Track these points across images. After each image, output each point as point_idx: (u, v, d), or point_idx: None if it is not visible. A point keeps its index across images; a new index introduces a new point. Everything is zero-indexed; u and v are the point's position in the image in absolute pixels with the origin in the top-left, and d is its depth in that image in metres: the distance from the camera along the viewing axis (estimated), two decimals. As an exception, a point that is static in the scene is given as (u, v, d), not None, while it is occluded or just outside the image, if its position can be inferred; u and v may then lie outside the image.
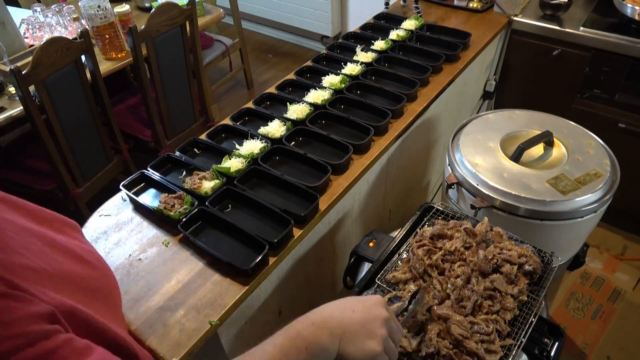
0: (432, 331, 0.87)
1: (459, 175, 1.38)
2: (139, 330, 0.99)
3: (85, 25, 2.30)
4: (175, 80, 2.42)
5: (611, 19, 2.06)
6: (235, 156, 1.33)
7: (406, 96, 1.57)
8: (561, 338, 0.93)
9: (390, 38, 1.89)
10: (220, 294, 1.05)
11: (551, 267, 1.00)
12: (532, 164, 1.38)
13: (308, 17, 3.92)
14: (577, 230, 1.34)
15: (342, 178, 1.33)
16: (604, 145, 1.43)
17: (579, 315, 2.07)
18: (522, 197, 1.26)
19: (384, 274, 1.00)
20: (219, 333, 1.07)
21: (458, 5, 2.26)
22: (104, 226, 1.23)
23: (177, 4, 2.24)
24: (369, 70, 1.71)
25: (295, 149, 1.37)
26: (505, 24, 2.14)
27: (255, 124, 1.52)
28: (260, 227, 1.19)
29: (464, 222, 1.07)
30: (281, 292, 1.28)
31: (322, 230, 1.37)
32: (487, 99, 2.49)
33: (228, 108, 3.50)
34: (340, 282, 1.25)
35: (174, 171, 1.37)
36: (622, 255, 2.32)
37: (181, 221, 1.16)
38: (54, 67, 1.90)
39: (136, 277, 1.09)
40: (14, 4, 2.91)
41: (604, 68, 2.03)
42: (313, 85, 1.64)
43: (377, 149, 1.43)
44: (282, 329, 0.69)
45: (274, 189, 1.30)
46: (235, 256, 1.11)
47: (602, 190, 1.29)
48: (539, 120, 1.52)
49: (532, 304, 0.94)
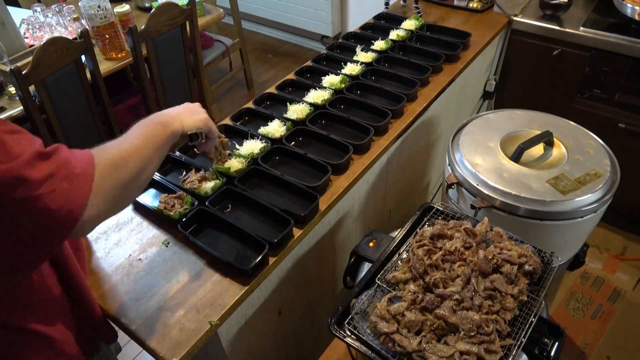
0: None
1: (459, 175, 1.38)
2: (139, 330, 0.99)
3: (85, 25, 2.30)
4: (175, 80, 2.42)
5: (611, 19, 2.06)
6: (236, 156, 1.33)
7: (406, 96, 1.57)
8: (561, 338, 0.93)
9: (390, 38, 1.89)
10: (220, 294, 1.05)
11: (551, 267, 1.00)
12: (532, 164, 1.38)
13: (308, 17, 3.92)
14: (577, 230, 1.34)
15: (342, 178, 1.33)
16: (604, 145, 1.43)
17: (579, 315, 2.07)
18: (522, 197, 1.26)
19: (384, 274, 1.00)
20: (219, 333, 1.07)
21: (458, 5, 2.26)
22: (104, 226, 1.23)
23: (177, 4, 2.24)
24: (369, 70, 1.71)
25: (295, 149, 1.37)
26: (505, 24, 2.14)
27: (255, 124, 1.52)
28: (260, 227, 1.19)
29: (464, 222, 1.07)
30: (281, 292, 1.28)
31: (322, 230, 1.37)
32: (487, 99, 2.49)
33: (228, 108, 3.49)
34: (340, 282, 1.25)
35: (174, 171, 1.37)
36: (622, 255, 2.32)
37: (181, 221, 1.16)
38: (54, 67, 1.90)
39: (136, 277, 1.09)
40: (14, 4, 2.90)
41: (604, 68, 2.03)
42: (313, 85, 1.64)
43: (377, 149, 1.43)
44: (131, 132, 0.88)
45: (274, 189, 1.30)
46: (235, 256, 1.11)
47: (602, 190, 1.28)
48: (539, 120, 1.52)
49: (532, 304, 0.94)
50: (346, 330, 0.93)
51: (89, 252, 1.17)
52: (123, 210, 1.06)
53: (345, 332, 0.93)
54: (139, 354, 2.10)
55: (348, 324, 0.93)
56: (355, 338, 0.92)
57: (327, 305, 1.63)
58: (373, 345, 0.89)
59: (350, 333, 0.92)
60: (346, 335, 0.92)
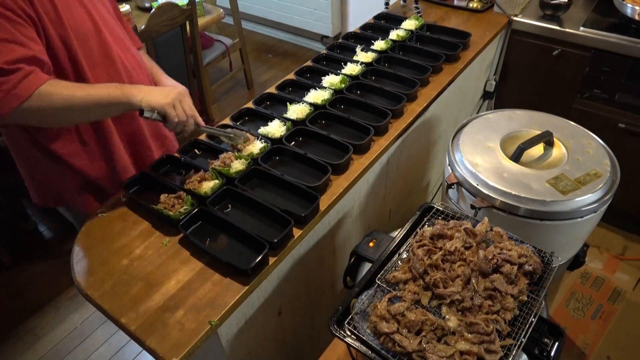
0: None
1: (459, 175, 1.38)
2: (139, 330, 0.99)
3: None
4: (175, 80, 2.42)
5: (611, 19, 2.06)
6: (236, 157, 1.33)
7: (406, 96, 1.57)
8: (561, 338, 0.93)
9: (390, 38, 1.89)
10: (220, 294, 1.05)
11: (551, 267, 1.00)
12: (532, 164, 1.38)
13: (308, 17, 3.92)
14: (577, 230, 1.34)
15: (342, 178, 1.33)
16: (604, 145, 1.43)
17: (579, 315, 2.07)
18: (522, 197, 1.26)
19: (384, 274, 1.00)
20: (219, 333, 1.07)
21: (458, 5, 2.26)
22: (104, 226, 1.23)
23: (177, 4, 2.24)
24: (369, 70, 1.71)
25: (296, 149, 1.37)
26: (505, 24, 2.15)
27: (255, 124, 1.52)
28: (260, 227, 1.19)
29: (464, 222, 1.07)
30: (281, 292, 1.28)
31: (322, 231, 1.37)
32: (487, 99, 2.49)
33: (228, 108, 3.49)
34: (340, 282, 1.25)
35: (174, 171, 1.37)
36: (622, 255, 2.32)
37: (181, 221, 1.16)
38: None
39: (136, 277, 1.09)
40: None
41: (604, 68, 2.03)
42: (313, 85, 1.64)
43: (377, 149, 1.43)
44: (100, 85, 1.15)
45: (274, 189, 1.30)
46: (235, 256, 1.11)
47: (602, 190, 1.29)
48: (539, 120, 1.52)
49: (532, 304, 0.94)
50: (346, 330, 0.93)
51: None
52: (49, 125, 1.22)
53: (345, 332, 0.93)
54: (139, 354, 2.11)
55: (348, 324, 0.93)
56: (355, 338, 0.92)
57: (327, 305, 1.63)
58: (373, 345, 0.89)
59: (350, 333, 0.92)
60: (346, 335, 0.92)
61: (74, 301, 2.31)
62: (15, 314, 2.28)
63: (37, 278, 2.44)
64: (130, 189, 1.29)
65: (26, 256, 2.55)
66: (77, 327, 2.22)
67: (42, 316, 2.26)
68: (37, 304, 2.31)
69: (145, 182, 1.32)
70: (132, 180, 1.30)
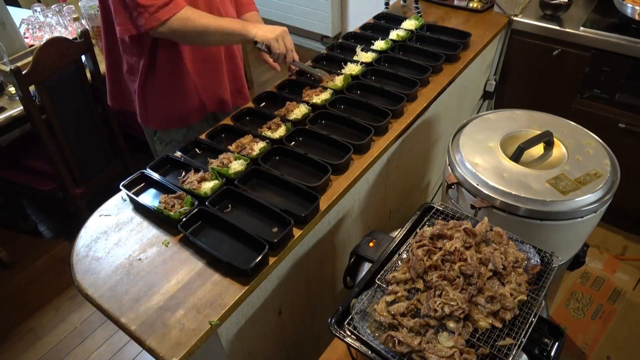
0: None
1: (459, 175, 1.38)
2: (139, 330, 0.99)
3: (85, 25, 2.30)
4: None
5: (611, 19, 2.06)
6: (236, 158, 1.33)
7: (406, 96, 1.57)
8: (561, 338, 0.93)
9: (390, 38, 1.89)
10: (220, 294, 1.05)
11: (551, 267, 1.00)
12: (532, 164, 1.38)
13: (308, 17, 3.92)
14: (577, 230, 1.34)
15: (342, 178, 1.33)
16: (604, 145, 1.43)
17: (579, 315, 2.07)
18: (522, 197, 1.26)
19: (384, 274, 1.00)
20: (219, 333, 1.07)
21: (458, 5, 2.26)
22: (104, 226, 1.23)
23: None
24: (369, 70, 1.71)
25: (296, 149, 1.37)
26: (505, 24, 2.15)
27: (255, 123, 1.52)
28: (260, 227, 1.19)
29: (464, 222, 1.07)
30: (281, 292, 1.28)
31: (322, 231, 1.37)
32: (487, 99, 2.49)
33: (228, 108, 3.49)
34: (340, 282, 1.25)
35: (174, 171, 1.37)
36: (622, 255, 2.32)
37: (181, 221, 1.16)
38: (54, 67, 1.90)
39: (136, 277, 1.09)
40: (14, 4, 2.91)
41: (604, 68, 2.03)
42: (313, 85, 1.64)
43: (377, 149, 1.43)
44: (226, 19, 1.50)
45: (275, 189, 1.30)
46: (235, 256, 1.11)
47: (602, 190, 1.29)
48: (539, 120, 1.52)
49: (532, 304, 0.94)
50: (346, 331, 0.93)
51: None
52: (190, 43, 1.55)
53: (345, 332, 0.93)
54: (139, 354, 2.11)
55: (348, 324, 0.93)
56: (355, 338, 0.92)
57: (327, 305, 1.63)
58: (373, 345, 0.89)
59: (350, 333, 0.92)
60: (346, 335, 0.92)
61: (74, 301, 2.31)
62: (15, 314, 2.28)
63: (37, 278, 2.44)
64: (130, 189, 1.28)
65: (26, 256, 2.55)
66: (77, 327, 2.22)
67: (42, 316, 2.27)
68: (37, 304, 2.32)
69: (145, 182, 1.32)
70: (132, 180, 1.30)
